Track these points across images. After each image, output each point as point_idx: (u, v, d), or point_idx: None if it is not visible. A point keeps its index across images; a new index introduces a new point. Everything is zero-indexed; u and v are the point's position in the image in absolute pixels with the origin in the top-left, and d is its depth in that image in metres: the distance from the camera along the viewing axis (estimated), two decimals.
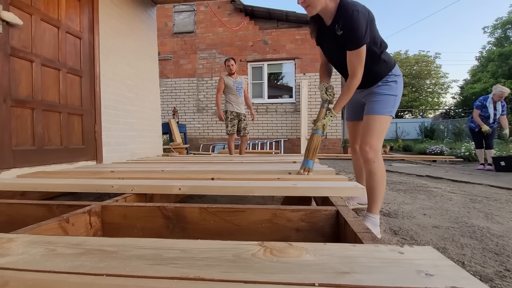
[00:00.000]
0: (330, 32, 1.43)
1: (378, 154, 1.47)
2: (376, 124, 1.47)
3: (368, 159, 1.46)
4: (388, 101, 1.49)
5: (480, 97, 4.78)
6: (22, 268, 0.55)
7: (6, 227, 1.10)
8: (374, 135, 1.47)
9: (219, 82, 4.15)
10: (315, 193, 1.21)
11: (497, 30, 18.93)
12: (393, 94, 1.50)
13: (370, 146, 1.46)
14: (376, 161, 1.46)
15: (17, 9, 1.99)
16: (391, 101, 1.49)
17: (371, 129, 1.47)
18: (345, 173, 3.82)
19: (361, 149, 1.50)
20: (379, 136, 1.47)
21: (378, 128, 1.47)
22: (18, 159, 2.00)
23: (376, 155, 1.46)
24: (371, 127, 1.48)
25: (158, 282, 0.49)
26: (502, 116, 4.58)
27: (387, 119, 1.49)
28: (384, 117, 1.48)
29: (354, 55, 1.37)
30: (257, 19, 7.85)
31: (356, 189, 1.23)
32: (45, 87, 2.23)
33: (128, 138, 3.30)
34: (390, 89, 1.50)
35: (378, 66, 1.49)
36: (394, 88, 1.51)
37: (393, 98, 1.50)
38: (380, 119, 1.48)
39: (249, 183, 1.34)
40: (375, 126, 1.47)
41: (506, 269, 1.08)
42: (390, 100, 1.49)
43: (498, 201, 2.26)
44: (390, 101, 1.49)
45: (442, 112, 22.59)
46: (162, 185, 1.35)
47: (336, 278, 0.49)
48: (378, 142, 1.47)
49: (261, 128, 7.82)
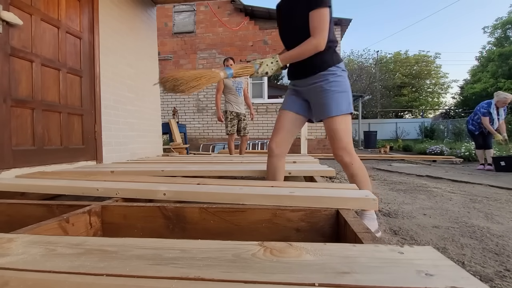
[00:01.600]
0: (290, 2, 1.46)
1: (353, 155, 1.45)
2: (341, 125, 1.44)
3: (346, 163, 1.44)
4: (343, 98, 1.45)
5: (483, 104, 4.69)
6: (22, 268, 0.55)
7: (6, 227, 1.09)
8: (344, 137, 1.44)
9: (218, 82, 4.15)
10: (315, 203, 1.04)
11: (497, 30, 18.93)
12: (345, 91, 1.47)
13: (343, 149, 1.44)
14: (354, 163, 1.44)
15: (17, 9, 1.99)
16: (344, 98, 1.46)
17: (338, 132, 1.44)
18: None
19: (336, 155, 1.47)
20: (347, 136, 1.45)
21: (344, 129, 1.44)
22: (18, 159, 2.00)
23: (351, 157, 1.44)
24: (338, 130, 1.44)
25: (158, 282, 0.49)
26: (502, 121, 4.59)
27: (347, 117, 1.46)
28: (344, 117, 1.45)
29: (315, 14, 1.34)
30: (257, 19, 7.85)
31: (366, 200, 1.05)
32: (45, 87, 2.23)
33: (128, 138, 3.30)
34: (340, 85, 1.45)
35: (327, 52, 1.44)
36: (344, 84, 1.47)
37: (346, 95, 1.47)
38: (342, 120, 1.44)
39: (241, 190, 1.21)
40: (341, 127, 1.44)
41: (506, 269, 1.08)
42: (343, 98, 1.45)
43: (498, 201, 2.26)
44: (345, 98, 1.46)
45: (442, 112, 22.60)
46: (147, 189, 1.27)
47: (336, 278, 0.49)
48: (349, 143, 1.45)
49: (261, 128, 7.82)
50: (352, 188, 1.24)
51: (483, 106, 4.65)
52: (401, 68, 25.70)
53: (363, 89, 22.64)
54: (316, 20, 1.35)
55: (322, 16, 1.35)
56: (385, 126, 17.79)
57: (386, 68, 25.84)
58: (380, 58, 25.58)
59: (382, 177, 3.50)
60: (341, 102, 1.44)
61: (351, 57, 26.82)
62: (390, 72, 25.76)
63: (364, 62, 25.91)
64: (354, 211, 0.99)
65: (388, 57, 26.70)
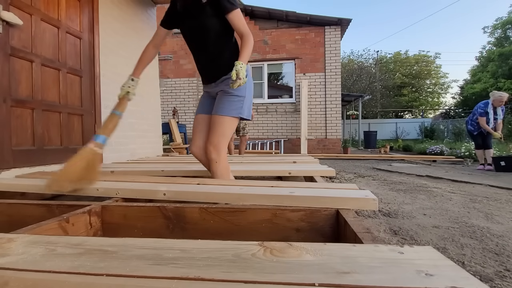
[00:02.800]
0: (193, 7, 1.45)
1: (221, 155, 1.50)
2: (221, 125, 1.50)
3: (211, 158, 1.49)
4: (236, 102, 1.51)
5: (480, 104, 4.70)
6: (22, 268, 0.55)
7: (6, 227, 1.09)
8: (220, 136, 1.49)
9: None
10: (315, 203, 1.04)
11: (497, 30, 18.93)
12: (241, 95, 1.52)
13: (214, 146, 1.48)
14: (218, 162, 1.49)
15: (17, 9, 1.99)
16: (239, 102, 1.52)
17: (216, 129, 1.49)
18: (346, 173, 3.82)
19: (206, 148, 1.52)
20: (223, 136, 1.50)
21: (224, 129, 1.50)
22: (18, 159, 2.00)
23: (219, 155, 1.49)
24: (216, 127, 1.50)
25: (158, 282, 0.49)
26: (499, 121, 4.59)
27: (234, 120, 1.53)
28: (231, 119, 1.51)
29: (235, 16, 1.41)
30: (257, 19, 7.85)
31: (366, 200, 1.05)
32: (45, 87, 2.23)
33: (128, 138, 3.30)
34: (239, 90, 1.50)
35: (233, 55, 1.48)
36: (243, 89, 1.52)
37: (241, 100, 1.52)
38: (224, 120, 1.50)
39: (241, 190, 1.21)
40: (221, 127, 1.50)
41: (506, 269, 1.08)
42: (238, 102, 1.52)
43: (498, 201, 2.26)
44: (238, 103, 1.52)
45: (442, 112, 22.60)
46: (147, 189, 1.28)
47: (336, 278, 0.49)
48: (222, 142, 1.50)
49: (261, 128, 7.82)
50: (352, 188, 1.24)
51: (480, 107, 4.65)
52: (401, 68, 25.71)
53: (363, 89, 22.64)
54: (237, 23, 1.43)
55: (240, 17, 1.43)
56: (385, 126, 17.79)
57: (386, 68, 25.84)
58: (380, 58, 25.59)
59: (382, 177, 3.50)
60: (234, 105, 1.51)
61: (351, 57, 26.85)
62: (390, 72, 25.76)
63: (364, 62, 25.91)
64: (354, 211, 0.99)
65: (388, 57, 26.73)
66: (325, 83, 7.46)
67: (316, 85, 7.50)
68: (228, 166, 1.56)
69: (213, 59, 1.53)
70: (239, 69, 1.34)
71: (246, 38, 1.42)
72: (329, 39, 7.43)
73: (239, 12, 1.42)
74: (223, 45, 1.50)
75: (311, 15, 7.25)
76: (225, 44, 1.51)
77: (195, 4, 1.44)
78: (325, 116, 7.50)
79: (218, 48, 1.50)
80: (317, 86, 7.49)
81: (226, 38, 1.50)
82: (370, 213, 1.84)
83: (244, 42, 1.42)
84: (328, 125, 7.51)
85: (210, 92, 1.65)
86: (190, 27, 1.52)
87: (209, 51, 1.51)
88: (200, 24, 1.46)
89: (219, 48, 1.50)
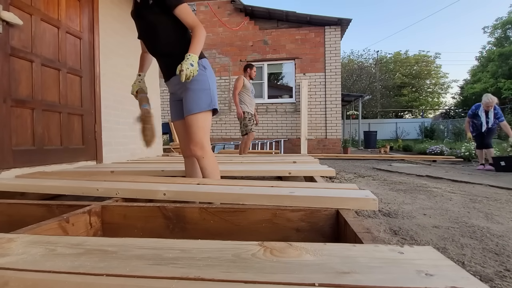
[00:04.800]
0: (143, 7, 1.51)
1: (206, 150, 1.53)
2: (197, 123, 1.52)
3: (198, 156, 1.53)
4: (201, 96, 1.52)
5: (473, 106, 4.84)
6: (22, 268, 0.55)
7: (6, 227, 1.09)
8: (198, 133, 1.51)
9: (239, 81, 4.25)
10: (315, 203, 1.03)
11: (497, 30, 18.94)
12: (205, 88, 1.53)
13: (196, 144, 1.52)
14: (205, 157, 1.53)
15: (17, 9, 1.99)
16: (205, 95, 1.52)
17: (193, 128, 1.52)
18: (346, 173, 3.82)
19: (190, 149, 1.55)
20: (203, 132, 1.53)
21: (200, 126, 1.52)
22: (18, 159, 2.00)
23: (204, 151, 1.52)
24: (193, 126, 1.52)
25: (158, 282, 0.49)
26: (502, 123, 4.59)
27: (206, 114, 1.54)
28: (202, 114, 1.52)
29: (181, 11, 1.44)
30: (257, 19, 7.85)
31: (366, 200, 1.04)
32: (45, 87, 2.23)
33: (128, 138, 3.30)
34: (201, 83, 1.52)
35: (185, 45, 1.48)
36: (205, 81, 1.53)
37: (206, 92, 1.53)
38: (199, 117, 1.51)
39: (241, 190, 1.21)
40: (197, 125, 1.52)
41: (506, 269, 1.08)
42: (203, 95, 1.52)
43: (498, 201, 2.26)
44: (204, 96, 1.52)
45: (442, 112, 22.60)
46: (147, 189, 1.28)
47: (336, 278, 0.49)
48: (203, 138, 1.53)
49: (261, 128, 7.82)
50: (352, 188, 1.24)
51: (471, 109, 4.80)
52: (401, 68, 25.71)
53: (363, 89, 22.64)
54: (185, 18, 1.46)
55: (187, 12, 1.46)
56: (385, 126, 17.79)
57: (386, 68, 25.84)
58: (380, 58, 25.59)
59: (382, 177, 3.50)
60: (200, 100, 1.51)
61: (351, 57, 26.85)
62: (390, 72, 25.76)
63: (364, 62, 25.92)
64: (354, 211, 0.99)
65: (388, 57, 26.72)
66: (325, 83, 7.46)
67: (316, 85, 7.49)
68: (215, 160, 1.59)
69: (168, 54, 1.55)
70: (185, 61, 1.35)
71: (196, 30, 1.46)
72: (329, 39, 7.43)
73: (185, 6, 1.46)
74: (176, 40, 1.53)
75: (311, 15, 7.25)
76: (178, 39, 1.53)
77: (144, 5, 1.50)
78: (325, 116, 7.50)
79: (171, 43, 1.53)
80: (317, 86, 7.49)
81: (179, 33, 1.53)
82: (370, 213, 1.84)
83: (194, 34, 1.46)
84: (328, 125, 7.51)
85: (175, 94, 1.67)
86: (142, 27, 1.57)
87: (163, 47, 1.54)
88: (149, 23, 1.51)
89: (172, 43, 1.53)
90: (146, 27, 1.55)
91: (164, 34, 1.51)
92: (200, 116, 1.52)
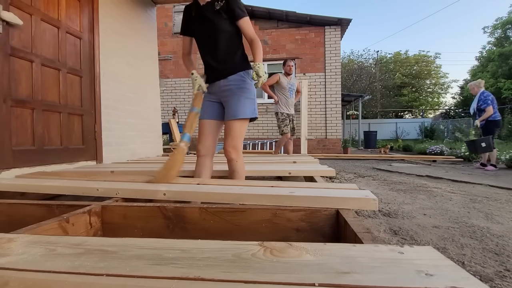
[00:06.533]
0: (208, 11, 1.57)
1: (240, 154, 1.63)
2: (239, 128, 1.62)
3: (232, 158, 1.61)
4: (247, 104, 1.63)
5: None
6: (22, 268, 0.55)
7: (6, 227, 1.09)
8: (238, 138, 1.62)
9: (274, 76, 4.10)
10: (315, 203, 1.03)
11: (497, 30, 18.93)
12: (251, 98, 1.66)
13: (234, 147, 1.61)
14: (238, 161, 1.62)
15: (17, 9, 1.99)
16: (250, 104, 1.64)
17: (235, 132, 1.61)
18: (346, 173, 3.82)
19: (225, 150, 1.63)
20: (240, 137, 1.64)
21: (240, 131, 1.63)
22: (18, 159, 2.00)
23: (238, 155, 1.62)
24: (235, 130, 1.61)
25: (158, 282, 0.49)
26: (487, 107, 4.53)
27: (247, 122, 1.66)
28: (244, 121, 1.64)
29: (245, 23, 1.57)
30: (257, 19, 7.84)
31: (366, 200, 1.04)
32: (45, 87, 2.23)
33: (128, 138, 3.30)
34: (248, 92, 1.64)
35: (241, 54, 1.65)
36: (252, 91, 1.67)
37: (252, 101, 1.66)
38: (241, 123, 1.63)
39: (241, 190, 1.20)
40: (238, 129, 1.62)
41: (506, 269, 1.08)
42: (249, 103, 1.64)
43: (498, 201, 2.26)
44: (249, 104, 1.64)
45: (442, 112, 22.60)
46: (147, 189, 1.27)
47: (336, 278, 0.49)
48: (240, 143, 1.63)
49: (261, 128, 7.82)
50: (352, 188, 1.24)
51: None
52: (401, 68, 25.70)
53: (363, 89, 22.63)
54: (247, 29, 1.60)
55: (249, 24, 1.60)
56: (385, 126, 17.79)
57: (386, 68, 25.83)
58: (380, 58, 25.58)
59: (382, 177, 3.50)
60: (246, 106, 1.62)
61: (351, 57, 26.83)
62: (390, 72, 25.75)
63: (364, 62, 25.90)
64: (354, 211, 0.99)
65: (388, 57, 26.71)
66: (325, 83, 7.46)
67: (316, 85, 7.49)
68: (244, 165, 1.68)
69: (223, 61, 1.63)
70: (258, 69, 1.50)
71: (256, 42, 1.59)
72: (329, 39, 7.43)
73: (248, 19, 1.59)
74: (235, 49, 1.64)
75: (311, 15, 7.25)
76: (236, 49, 1.65)
77: (210, 9, 1.57)
78: (325, 116, 7.50)
79: (230, 51, 1.63)
80: (317, 86, 7.49)
81: (237, 43, 1.65)
82: (370, 213, 1.84)
83: (255, 45, 1.58)
84: (328, 125, 7.51)
85: (215, 95, 1.71)
86: (204, 29, 1.63)
87: (221, 53, 1.62)
88: (214, 27, 1.58)
89: (231, 51, 1.63)
90: (209, 31, 1.61)
91: (226, 41, 1.61)
92: (242, 122, 1.63)
